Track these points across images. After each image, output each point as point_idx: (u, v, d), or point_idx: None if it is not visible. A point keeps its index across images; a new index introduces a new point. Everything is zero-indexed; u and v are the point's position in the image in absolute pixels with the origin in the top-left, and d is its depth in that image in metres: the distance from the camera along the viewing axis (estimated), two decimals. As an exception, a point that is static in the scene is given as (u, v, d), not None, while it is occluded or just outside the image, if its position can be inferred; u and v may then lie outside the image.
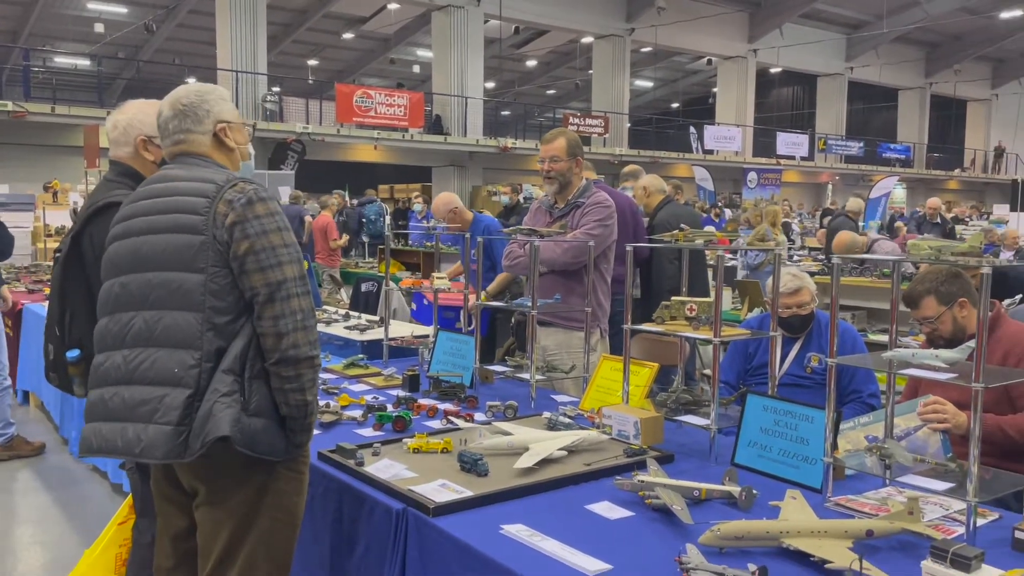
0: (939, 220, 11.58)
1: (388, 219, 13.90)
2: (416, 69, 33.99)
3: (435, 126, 23.55)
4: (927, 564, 1.66)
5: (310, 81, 29.48)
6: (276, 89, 23.77)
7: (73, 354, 2.57)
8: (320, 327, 4.70)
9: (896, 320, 2.45)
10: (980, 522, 2.12)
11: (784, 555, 1.93)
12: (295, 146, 20.66)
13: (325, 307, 5.54)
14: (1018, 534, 2.01)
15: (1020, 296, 5.42)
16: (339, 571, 2.45)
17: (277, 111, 21.16)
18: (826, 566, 1.83)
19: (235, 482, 2.11)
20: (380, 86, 26.31)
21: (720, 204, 20.56)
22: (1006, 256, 10.27)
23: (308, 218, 11.18)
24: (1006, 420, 2.82)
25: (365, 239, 13.73)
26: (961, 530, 2.06)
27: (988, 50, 33.11)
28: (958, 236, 11.57)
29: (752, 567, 1.80)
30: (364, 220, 13.96)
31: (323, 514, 2.50)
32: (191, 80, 21.17)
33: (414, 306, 6.54)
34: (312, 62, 32.17)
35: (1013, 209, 20.89)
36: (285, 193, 15.87)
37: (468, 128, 23.91)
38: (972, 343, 2.05)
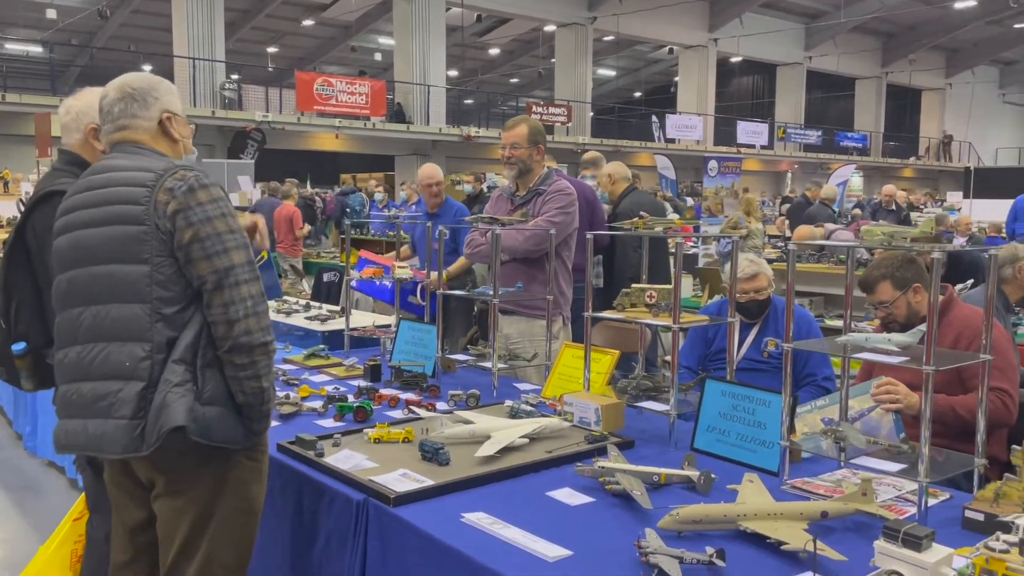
0: (894, 207, 11.79)
1: (383, 204, 13.66)
2: (378, 57, 33.68)
3: (397, 115, 23.39)
4: (880, 544, 1.70)
5: (270, 69, 29.07)
6: (235, 77, 23.39)
7: (19, 347, 2.51)
8: (280, 318, 4.66)
9: (850, 305, 2.49)
10: (932, 502, 2.17)
11: (741, 537, 1.96)
12: (255, 135, 20.39)
13: (285, 298, 5.48)
14: (968, 513, 2.06)
15: (971, 280, 5.54)
16: (300, 563, 2.43)
17: (236, 99, 20.84)
18: (782, 547, 1.86)
19: (194, 472, 2.09)
20: (341, 74, 26.04)
21: (682, 192, 20.74)
22: (959, 242, 10.48)
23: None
24: (957, 401, 2.88)
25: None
26: (913, 510, 2.11)
27: (942, 40, 33.73)
28: (913, 223, 11.78)
29: (710, 550, 1.82)
30: (348, 210, 13.85)
31: (283, 506, 2.48)
32: (147, 68, 20.78)
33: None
34: (271, 49, 31.71)
35: (966, 196, 21.33)
36: (245, 183, 15.67)
37: (431, 117, 23.78)
38: (924, 327, 2.09)
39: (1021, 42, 34.13)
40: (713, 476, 2.31)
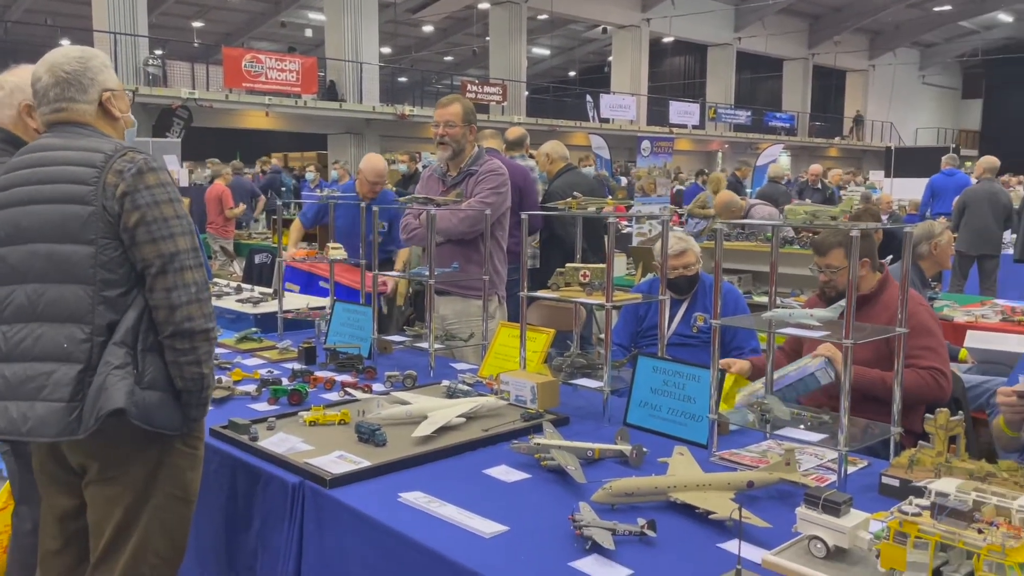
0: (820, 186, 12.11)
1: (315, 184, 13.38)
2: (308, 33, 32.94)
3: (329, 92, 22.96)
4: (801, 510, 1.77)
5: (195, 44, 28.18)
6: (159, 52, 22.59)
7: None
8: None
9: (775, 282, 2.56)
10: (851, 470, 2.27)
11: (672, 508, 2.02)
12: (181, 112, 19.76)
13: (216, 280, 5.37)
14: (884, 479, 2.16)
15: (891, 257, 5.76)
16: (234, 547, 2.42)
17: (160, 76, 20.16)
18: (710, 516, 1.93)
19: (129, 458, 2.06)
20: (270, 50, 25.42)
21: (616, 172, 20.91)
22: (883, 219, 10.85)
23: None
24: (889, 374, 2.99)
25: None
26: (834, 478, 2.20)
27: (865, 22, 34.64)
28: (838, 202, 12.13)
29: (641, 521, 1.88)
30: (284, 189, 13.59)
31: (216, 491, 2.45)
32: (65, 42, 19.93)
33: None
34: (197, 24, 30.71)
35: (887, 175, 22.05)
36: (171, 162, 15.20)
37: (364, 95, 23.41)
38: (843, 302, 2.17)
39: (940, 25, 35.31)
40: (645, 450, 2.37)
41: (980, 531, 1.53)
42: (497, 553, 1.81)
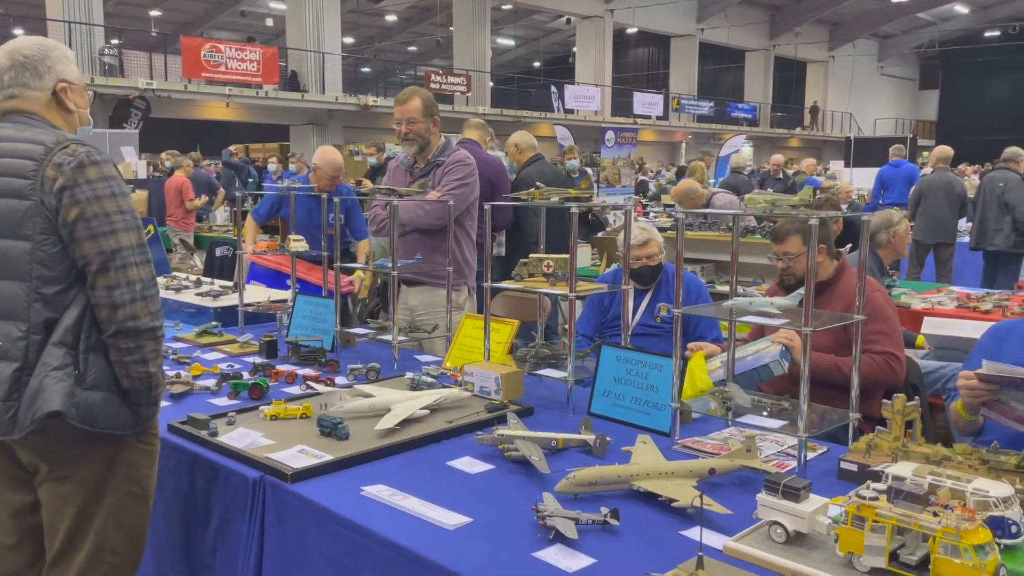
0: (781, 176, 12.25)
1: (277, 176, 13.18)
2: (269, 23, 32.49)
3: (291, 83, 22.68)
4: (761, 496, 1.79)
5: (153, 34, 27.65)
6: (115, 42, 22.11)
7: None
8: (169, 295, 4.50)
9: (736, 271, 2.58)
10: (811, 455, 2.30)
11: (635, 497, 2.03)
12: (138, 103, 19.38)
13: (175, 273, 5.28)
14: (843, 464, 2.19)
15: (849, 245, 5.84)
16: (193, 544, 2.38)
17: (117, 65, 19.75)
18: (672, 504, 1.94)
19: (79, 457, 2.02)
20: (230, 40, 25.02)
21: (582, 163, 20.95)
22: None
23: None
24: (843, 360, 3.04)
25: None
26: (794, 464, 2.23)
27: (825, 13, 35.07)
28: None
29: (605, 510, 1.88)
30: (251, 179, 13.40)
31: (175, 487, 2.41)
32: (19, 32, 19.42)
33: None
34: (155, 13, 30.13)
35: (846, 165, 22.40)
36: (129, 154, 14.92)
37: (326, 85, 23.17)
38: (803, 290, 2.19)
39: (898, 16, 35.87)
40: (608, 439, 2.37)
41: (935, 514, 1.55)
42: (460, 545, 1.80)
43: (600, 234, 8.47)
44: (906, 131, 37.33)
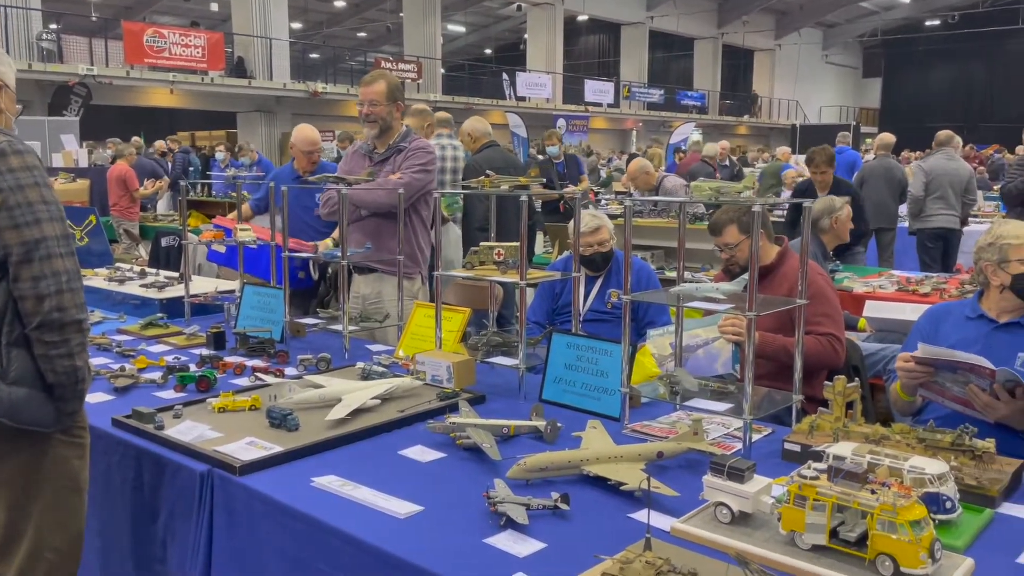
0: (727, 163, 12.39)
1: (225, 164, 12.89)
2: (214, 7, 31.74)
3: (237, 69, 22.23)
4: (707, 478, 1.82)
5: (93, 18, 26.81)
6: (53, 27, 21.42)
7: None
8: (113, 286, 4.40)
9: (683, 257, 2.62)
10: (756, 437, 2.35)
11: (585, 481, 2.05)
12: (79, 90, 18.82)
13: (119, 265, 5.15)
14: (787, 445, 2.25)
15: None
16: (141, 540, 2.34)
17: (55, 51, 19.14)
18: (621, 488, 1.97)
19: (4, 455, 1.97)
20: (174, 25, 24.44)
21: (533, 151, 20.96)
22: (787, 195, 11.22)
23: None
24: (791, 341, 3.10)
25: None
26: (739, 446, 2.28)
27: (772, 2, 35.55)
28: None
29: (555, 495, 1.90)
30: (192, 169, 13.09)
31: (121, 482, 2.37)
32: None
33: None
34: (94, -4, 29.25)
35: (793, 152, 22.78)
36: (69, 141, 14.49)
37: (274, 71, 22.77)
38: (747, 276, 2.23)
39: (842, 5, 36.53)
40: (559, 425, 2.40)
41: (873, 492, 1.61)
42: (412, 533, 1.81)
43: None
44: (850, 118, 38.10)
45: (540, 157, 17.20)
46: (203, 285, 4.31)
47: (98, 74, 19.00)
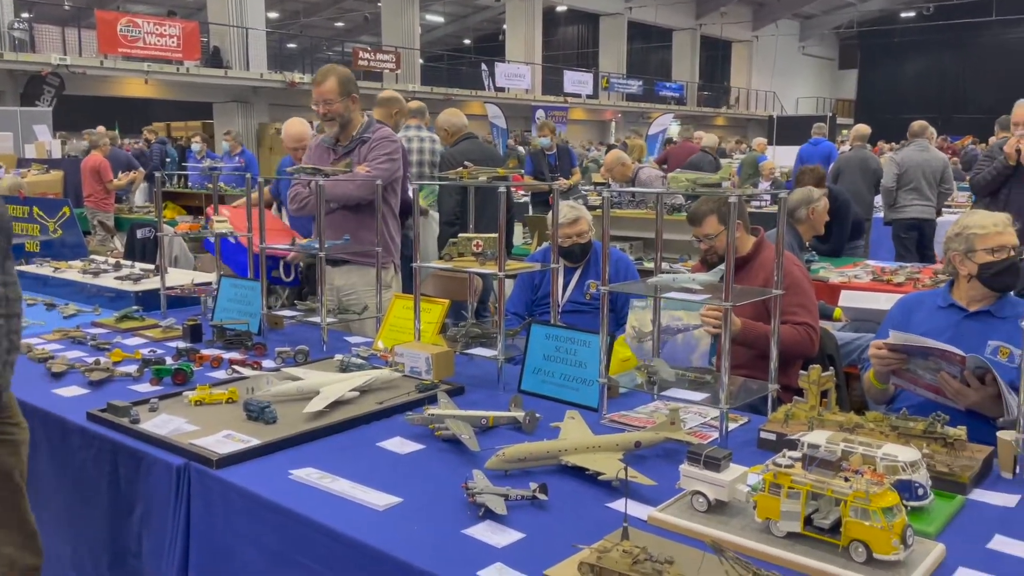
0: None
1: (201, 155, 12.71)
2: (189, -4, 31.41)
3: (213, 59, 22.00)
4: (684, 467, 1.84)
5: (66, 7, 26.40)
6: (25, 15, 21.08)
7: None
8: (87, 279, 4.36)
9: (661, 248, 2.63)
10: (732, 426, 2.37)
11: (563, 471, 2.06)
12: (51, 80, 18.57)
13: (93, 257, 5.10)
14: (762, 434, 2.27)
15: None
16: (117, 534, 2.33)
17: (28, 40, 18.84)
18: (599, 477, 1.98)
19: None
20: (148, 14, 24.12)
21: (515, 142, 20.95)
22: (764, 186, 11.30)
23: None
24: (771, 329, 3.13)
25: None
26: (716, 435, 2.30)
27: (749, -6, 35.74)
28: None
29: (533, 485, 1.91)
30: (168, 160, 12.94)
31: (96, 477, 2.35)
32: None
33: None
34: (66, -15, 28.79)
35: (769, 143, 22.91)
36: (42, 132, 14.30)
37: (250, 61, 22.55)
38: (724, 266, 2.25)
39: (818, -3, 36.77)
40: (538, 416, 2.40)
41: (847, 479, 1.63)
42: (390, 525, 1.81)
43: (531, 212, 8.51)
44: (826, 110, 38.36)
45: (521, 149, 17.21)
46: (179, 277, 4.27)
47: (71, 64, 18.74)
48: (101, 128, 12.68)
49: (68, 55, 19.18)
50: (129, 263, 4.90)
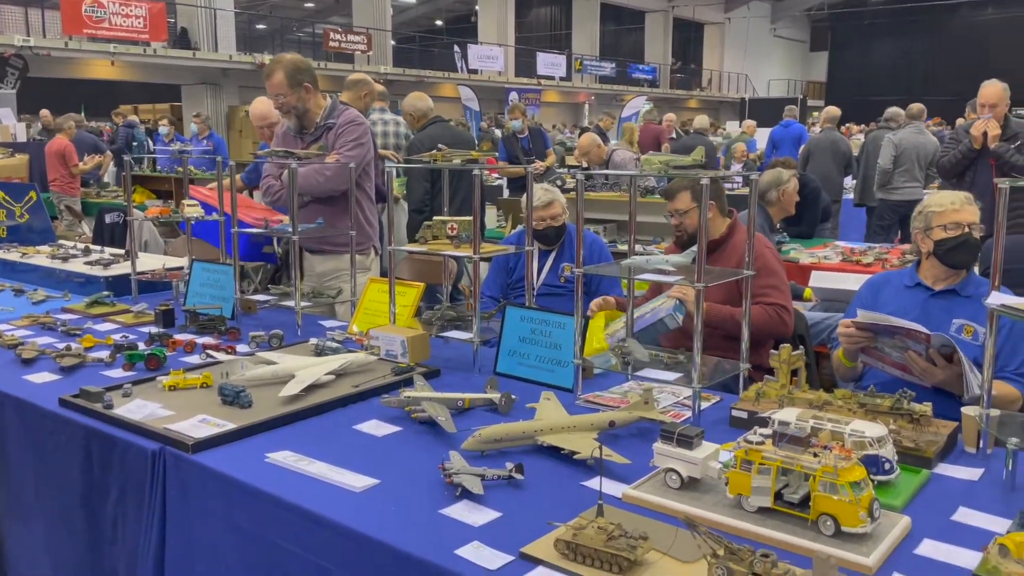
0: (675, 135, 12.47)
1: (170, 138, 12.47)
2: (155, -24, 30.78)
3: (181, 40, 21.64)
4: (657, 445, 1.87)
5: (27, -14, 25.83)
6: (-15, -6, 20.61)
7: None
8: (56, 264, 4.30)
9: (635, 230, 2.65)
10: (705, 405, 2.41)
11: (539, 451, 2.09)
12: (15, 61, 18.14)
13: (61, 242, 5.03)
14: (734, 412, 2.31)
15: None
16: (93, 520, 2.32)
17: (-12, 20, 18.42)
18: (574, 457, 2.00)
19: None
20: (113, -6, 23.61)
21: (490, 125, 20.87)
22: (736, 167, 11.37)
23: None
24: (739, 311, 3.16)
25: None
26: (689, 414, 2.33)
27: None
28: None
29: (509, 465, 1.93)
30: (136, 144, 12.70)
31: (69, 463, 2.34)
32: None
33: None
34: (27, -37, 28.11)
35: (741, 125, 23.04)
36: (6, 115, 14.00)
37: (219, 43, 22.20)
38: (696, 248, 2.27)
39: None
40: (513, 397, 2.42)
41: (815, 455, 1.66)
42: (368, 506, 1.82)
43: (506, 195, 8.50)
44: (797, 92, 38.63)
45: (497, 132, 17.12)
46: (150, 262, 4.23)
47: (35, 45, 18.33)
48: (44, 111, 12.45)
49: (32, 36, 18.78)
50: (98, 248, 4.84)
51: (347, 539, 1.73)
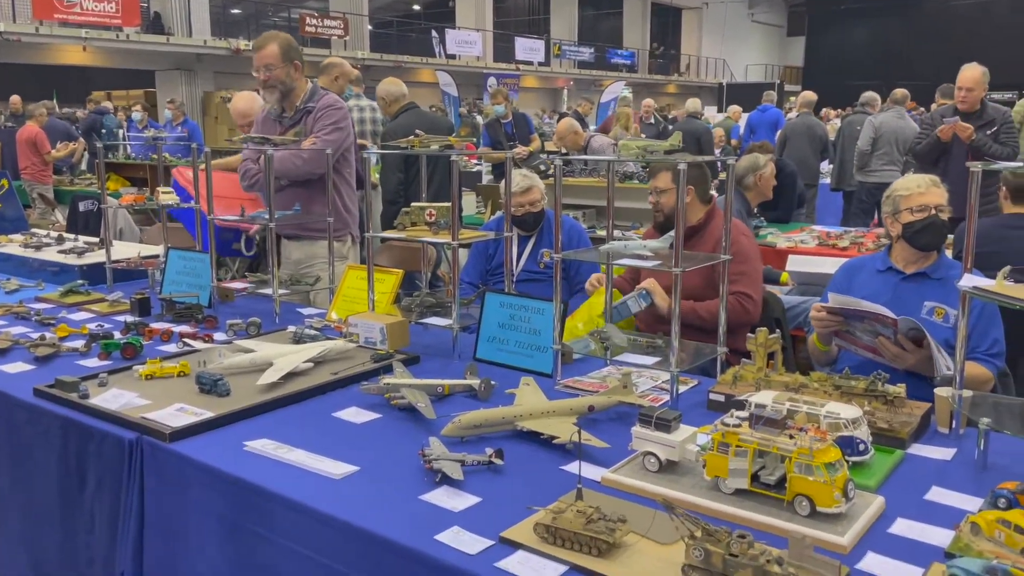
0: (653, 120, 12.49)
1: (143, 125, 12.25)
2: (127, -41, 30.28)
3: (154, 25, 21.33)
4: (636, 429, 1.88)
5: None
6: (-49, -22, 20.16)
7: None
8: (29, 253, 4.25)
9: (612, 215, 2.66)
10: (683, 389, 2.43)
11: (518, 436, 2.10)
12: (-17, 47, 17.84)
13: (34, 231, 4.96)
14: (711, 396, 2.33)
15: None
16: (70, 510, 2.30)
17: (-45, 5, 18.05)
18: (554, 441, 2.01)
19: None
20: (84, -22, 23.20)
21: (470, 110, 20.76)
22: (716, 152, 11.41)
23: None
24: (700, 305, 3.19)
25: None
26: (667, 397, 2.35)
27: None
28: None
29: (489, 451, 1.94)
30: (104, 131, 12.48)
31: (45, 454, 2.32)
32: None
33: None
34: (-5, -54, 27.53)
35: (720, 110, 23.11)
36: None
37: (193, 28, 21.91)
38: (673, 233, 2.29)
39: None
40: (493, 383, 2.43)
41: (791, 437, 1.68)
42: (348, 493, 1.82)
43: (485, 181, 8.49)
44: (775, 77, 38.76)
45: (479, 117, 17.03)
46: (125, 250, 4.18)
47: (5, 30, 18.01)
48: (15, 98, 12.24)
49: (1, 21, 18.42)
50: (72, 236, 4.78)
51: (327, 526, 1.73)
